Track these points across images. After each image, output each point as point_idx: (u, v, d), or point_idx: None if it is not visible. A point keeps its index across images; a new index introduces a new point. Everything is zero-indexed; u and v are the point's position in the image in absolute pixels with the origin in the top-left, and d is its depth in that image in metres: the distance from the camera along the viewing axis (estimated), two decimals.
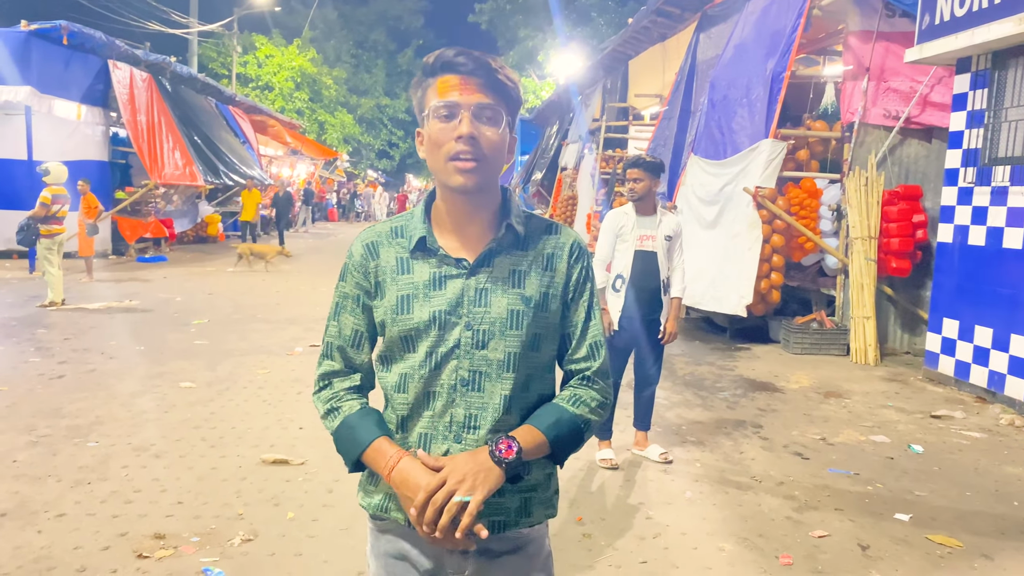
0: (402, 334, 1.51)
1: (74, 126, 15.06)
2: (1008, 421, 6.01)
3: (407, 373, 1.52)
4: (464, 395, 1.49)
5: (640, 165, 4.68)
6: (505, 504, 1.52)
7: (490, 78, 1.45)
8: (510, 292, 1.50)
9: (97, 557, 3.38)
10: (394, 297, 1.51)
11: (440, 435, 1.50)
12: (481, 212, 1.53)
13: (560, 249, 1.57)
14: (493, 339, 1.49)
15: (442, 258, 1.51)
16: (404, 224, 1.57)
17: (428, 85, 1.49)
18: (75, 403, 5.70)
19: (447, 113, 1.45)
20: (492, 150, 1.45)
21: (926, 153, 8.58)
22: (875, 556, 3.65)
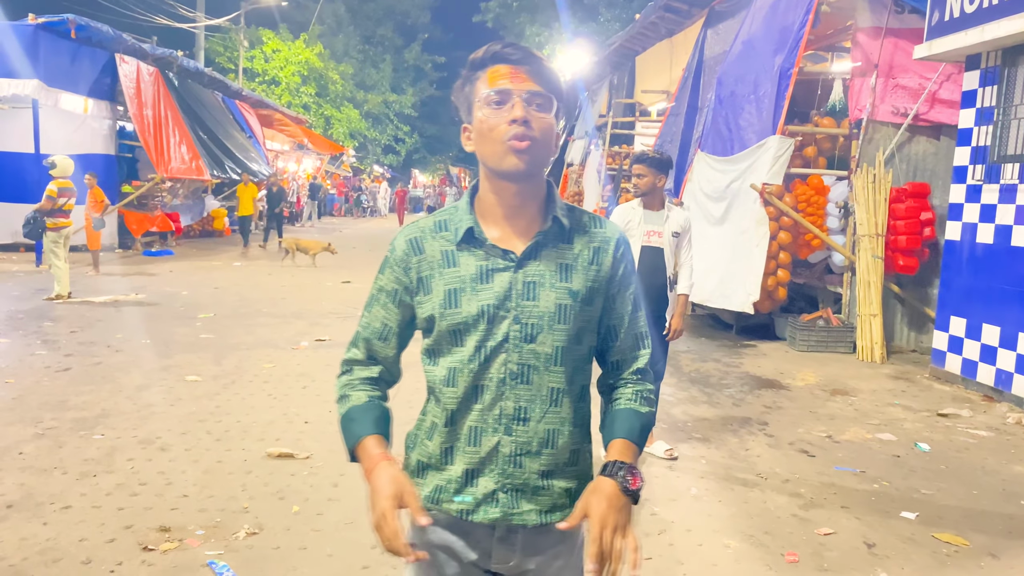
0: (450, 328, 1.51)
1: (81, 120, 15.08)
2: (1015, 420, 5.98)
3: (456, 367, 1.52)
4: (513, 388, 1.50)
5: (644, 161, 4.67)
6: (552, 496, 1.54)
7: (539, 68, 1.47)
8: (558, 286, 1.50)
9: (102, 549, 3.38)
10: (441, 291, 1.51)
11: (490, 428, 1.51)
12: (528, 204, 1.53)
13: (606, 243, 1.57)
14: (541, 333, 1.49)
15: (489, 249, 1.50)
16: (448, 218, 1.57)
17: (476, 78, 1.50)
18: (81, 396, 5.71)
19: (499, 100, 1.45)
20: (544, 135, 1.46)
21: (934, 150, 8.54)
22: (881, 554, 3.64)
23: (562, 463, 1.54)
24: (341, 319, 9.30)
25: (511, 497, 1.51)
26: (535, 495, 1.52)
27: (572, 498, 1.55)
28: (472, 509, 1.52)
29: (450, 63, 44.05)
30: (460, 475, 1.53)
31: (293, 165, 31.00)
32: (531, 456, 1.51)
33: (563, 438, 1.53)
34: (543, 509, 1.53)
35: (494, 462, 1.51)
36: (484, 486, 1.52)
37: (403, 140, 43.64)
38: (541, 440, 1.51)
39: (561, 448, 1.53)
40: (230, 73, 30.15)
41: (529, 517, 1.52)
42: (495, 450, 1.51)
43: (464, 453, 1.53)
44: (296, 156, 31.21)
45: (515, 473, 1.51)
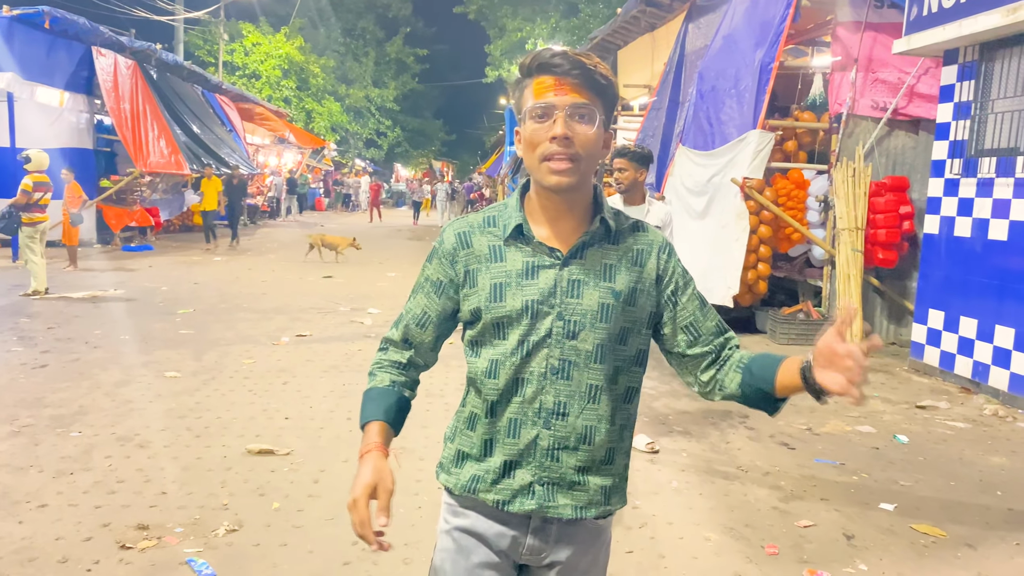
0: (495, 321, 1.55)
1: (57, 113, 14.90)
2: (992, 411, 6.05)
3: (498, 359, 1.55)
4: (554, 383, 1.53)
5: (625, 155, 4.65)
6: (588, 492, 1.57)
7: (585, 78, 1.48)
8: (601, 285, 1.54)
9: (79, 548, 3.34)
10: (487, 285, 1.55)
11: (530, 420, 1.54)
12: (574, 207, 1.57)
13: (650, 246, 1.61)
14: (584, 330, 1.53)
15: (536, 246, 1.55)
16: (496, 214, 1.61)
17: (525, 86, 1.53)
18: (58, 393, 5.65)
19: (542, 114, 1.48)
20: (586, 149, 1.48)
21: (913, 144, 8.61)
22: (860, 546, 3.67)
23: (598, 460, 1.57)
24: (322, 314, 9.25)
25: (547, 490, 1.55)
26: (571, 489, 1.56)
27: (607, 496, 1.60)
28: (508, 499, 1.56)
29: (432, 56, 43.90)
30: (499, 466, 1.57)
31: (274, 159, 30.79)
32: (568, 451, 1.55)
33: (600, 436, 1.56)
34: (579, 504, 1.57)
35: (532, 455, 1.55)
36: (521, 478, 1.56)
37: (385, 134, 43.47)
38: (579, 436, 1.54)
39: (598, 445, 1.56)
40: (210, 67, 29.88)
41: (565, 511, 1.56)
42: (533, 443, 1.55)
43: (503, 445, 1.57)
44: (277, 150, 31.01)
45: (552, 467, 1.55)
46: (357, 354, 7.23)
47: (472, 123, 54.63)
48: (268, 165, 29.47)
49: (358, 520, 1.46)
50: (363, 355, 7.19)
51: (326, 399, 5.73)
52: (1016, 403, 6.17)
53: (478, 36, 35.23)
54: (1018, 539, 3.80)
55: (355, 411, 1.66)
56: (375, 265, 14.72)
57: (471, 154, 58.11)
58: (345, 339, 7.90)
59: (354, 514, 1.47)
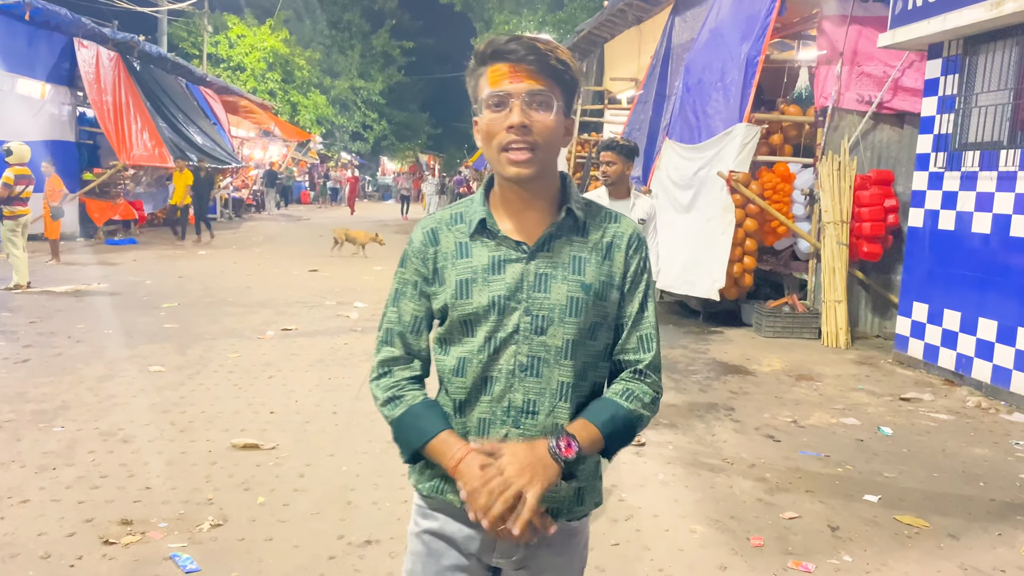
0: (461, 318, 1.51)
1: (39, 105, 14.73)
2: (975, 403, 6.10)
3: (465, 357, 1.52)
4: (522, 380, 1.50)
5: (613, 148, 4.64)
6: (559, 494, 1.52)
7: (541, 63, 1.43)
8: (569, 279, 1.50)
9: (62, 543, 3.32)
10: (454, 282, 1.51)
11: (499, 420, 1.51)
12: (539, 198, 1.53)
13: (620, 238, 1.56)
14: (552, 325, 1.49)
15: (502, 240, 1.51)
16: (464, 210, 1.57)
17: (480, 75, 1.48)
18: (40, 387, 5.59)
19: (498, 102, 1.44)
20: (545, 137, 1.44)
21: (898, 138, 8.65)
22: (845, 537, 3.69)
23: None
24: (308, 308, 9.21)
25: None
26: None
27: (580, 497, 1.57)
28: None
29: (418, 49, 43.67)
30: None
31: (259, 152, 30.59)
32: None
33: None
34: (551, 507, 1.52)
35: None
36: None
37: (371, 127, 43.23)
38: (548, 435, 1.49)
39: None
40: (194, 59, 29.63)
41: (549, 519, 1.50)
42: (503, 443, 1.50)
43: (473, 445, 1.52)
44: (262, 143, 30.82)
45: None
46: (343, 348, 7.20)
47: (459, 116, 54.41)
48: (253, 158, 29.27)
49: (493, 492, 1.36)
50: (349, 349, 7.17)
51: (312, 393, 5.70)
52: (998, 395, 6.22)
53: (464, 29, 35.12)
54: (1000, 529, 3.84)
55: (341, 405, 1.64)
56: (360, 259, 14.67)
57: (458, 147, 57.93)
58: (331, 333, 7.87)
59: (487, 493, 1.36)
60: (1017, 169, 6.17)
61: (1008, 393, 6.14)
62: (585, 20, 17.23)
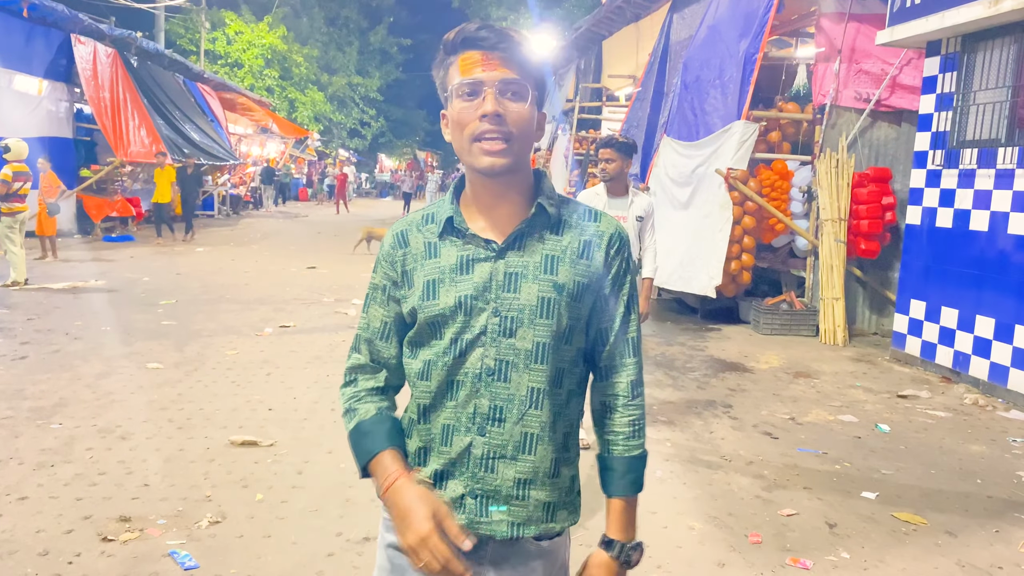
0: (428, 320, 1.45)
1: (36, 101, 14.70)
2: (972, 400, 6.11)
3: (431, 360, 1.46)
4: (489, 385, 1.42)
5: (612, 145, 4.64)
6: (527, 508, 1.45)
7: (514, 52, 1.38)
8: (541, 278, 1.42)
9: (60, 540, 3.32)
10: (421, 283, 1.45)
11: (463, 426, 1.44)
12: (511, 193, 1.46)
13: (599, 238, 1.48)
14: (521, 327, 1.41)
15: (470, 238, 1.44)
16: (435, 210, 1.51)
17: (450, 64, 1.42)
18: (38, 384, 5.59)
19: (470, 91, 1.38)
20: (520, 127, 1.39)
21: (896, 136, 8.66)
22: (842, 534, 3.70)
23: (542, 473, 1.45)
24: (306, 305, 9.21)
25: (479, 503, 1.44)
26: (507, 504, 1.44)
27: (550, 513, 1.47)
28: None
29: (416, 46, 43.64)
30: (429, 476, 1.47)
31: (257, 149, 30.54)
32: (506, 461, 1.43)
33: (543, 445, 1.44)
34: (515, 521, 1.44)
35: (464, 464, 1.44)
36: (452, 489, 1.45)
37: (369, 124, 43.18)
38: (517, 444, 1.43)
39: (540, 456, 1.44)
40: (191, 55, 29.57)
41: (499, 528, 1.44)
42: (467, 451, 1.43)
43: (438, 453, 1.46)
44: (260, 140, 30.77)
45: (486, 478, 1.43)
46: (341, 345, 7.20)
47: None
48: (251, 155, 29.22)
49: (442, 557, 1.32)
50: (347, 346, 7.14)
51: (310, 390, 5.71)
52: (995, 392, 6.24)
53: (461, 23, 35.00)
54: (997, 526, 3.85)
55: (339, 402, 1.60)
56: (359, 256, 14.66)
57: None
58: (329, 330, 7.87)
59: (431, 551, 1.33)
60: (1015, 167, 6.18)
61: (1005, 390, 6.15)
62: (582, 17, 17.23)
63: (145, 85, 18.10)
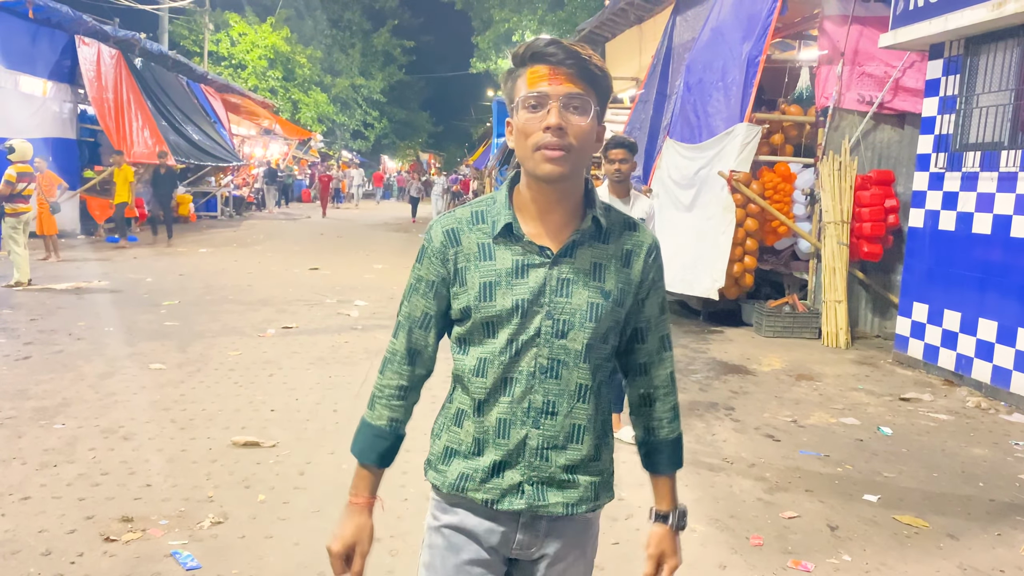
0: (484, 320, 1.53)
1: (40, 102, 14.73)
2: (975, 403, 6.10)
3: (486, 358, 1.54)
4: (543, 382, 1.53)
5: (625, 146, 4.57)
6: (578, 490, 1.58)
7: (580, 68, 1.45)
8: (591, 285, 1.53)
9: (63, 540, 3.32)
10: (477, 284, 1.53)
11: (519, 420, 1.54)
12: (565, 202, 1.54)
13: (639, 247, 1.60)
14: (573, 329, 1.52)
15: (526, 245, 1.52)
16: (485, 209, 1.58)
17: (518, 76, 1.50)
18: (41, 385, 5.60)
19: (535, 103, 1.46)
20: (580, 140, 1.46)
21: (899, 138, 8.65)
22: (844, 537, 3.70)
23: (587, 458, 1.58)
24: (308, 306, 9.22)
25: (536, 489, 1.55)
26: (560, 488, 1.56)
27: (596, 492, 1.61)
28: (497, 499, 1.55)
29: (419, 48, 43.71)
30: (488, 466, 1.56)
31: (260, 150, 30.57)
32: (557, 450, 1.55)
33: (589, 434, 1.57)
34: (569, 502, 1.57)
35: (521, 455, 1.54)
36: (510, 478, 1.55)
37: (372, 125, 43.23)
38: (567, 434, 1.55)
39: (587, 444, 1.57)
40: (195, 57, 29.62)
41: (555, 508, 1.56)
42: (523, 443, 1.54)
43: (495, 445, 1.55)
44: (263, 141, 30.80)
45: (541, 466, 1.54)
46: (344, 346, 7.21)
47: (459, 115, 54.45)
48: (254, 156, 29.25)
49: (334, 572, 1.60)
50: (349, 347, 7.17)
51: (312, 391, 5.71)
52: (998, 395, 6.23)
53: (465, 27, 35.04)
54: (999, 529, 3.85)
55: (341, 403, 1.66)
56: (362, 257, 14.68)
57: (458, 146, 57.93)
58: (331, 331, 7.87)
59: (332, 565, 1.60)
60: (1018, 170, 6.17)
61: (1008, 393, 6.15)
62: (585, 19, 17.24)
63: (148, 86, 18.13)
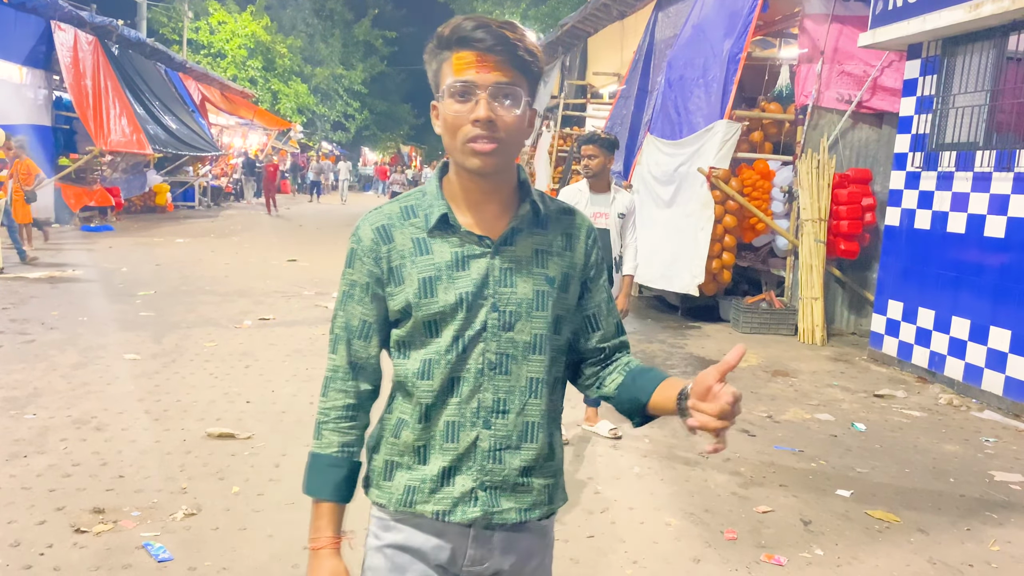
0: (426, 319, 1.44)
1: (15, 89, 14.51)
2: (947, 400, 6.17)
3: (431, 359, 1.45)
4: (492, 379, 1.44)
5: (595, 141, 4.64)
6: (531, 494, 1.50)
7: (509, 54, 1.36)
8: (535, 272, 1.46)
9: (32, 531, 3.28)
10: (416, 280, 1.43)
11: (468, 422, 1.45)
12: (499, 191, 1.48)
13: (578, 230, 1.54)
14: (520, 320, 1.44)
15: (464, 236, 1.44)
16: (415, 203, 1.49)
17: (443, 59, 1.40)
18: (12, 374, 5.53)
19: (462, 92, 1.37)
20: (510, 131, 1.39)
21: (877, 137, 8.73)
22: (817, 531, 3.73)
23: (541, 458, 1.50)
24: (286, 298, 9.16)
25: (490, 495, 1.46)
26: (514, 492, 1.48)
27: (550, 495, 1.53)
28: (449, 509, 1.46)
29: (401, 39, 43.42)
30: (436, 474, 1.46)
31: (239, 140, 30.32)
32: (511, 451, 1.46)
33: (543, 431, 1.49)
34: (523, 507, 1.49)
35: (472, 458, 1.45)
36: (462, 484, 1.46)
37: (353, 117, 42.96)
38: (520, 433, 1.46)
39: (541, 442, 1.49)
40: (174, 45, 29.30)
41: (509, 515, 1.47)
42: (473, 445, 1.45)
43: (441, 451, 1.46)
44: (242, 131, 30.54)
45: (495, 469, 1.45)
46: (320, 338, 7.17)
47: None
48: (233, 146, 29.00)
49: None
50: (326, 339, 7.11)
51: (288, 383, 5.68)
52: (970, 392, 6.31)
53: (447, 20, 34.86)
54: (969, 524, 3.90)
55: (318, 395, 1.58)
56: (340, 249, 14.59)
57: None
58: (309, 323, 7.83)
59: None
60: (992, 170, 6.25)
61: (979, 391, 6.23)
62: (568, 14, 17.22)
63: (126, 74, 17.90)
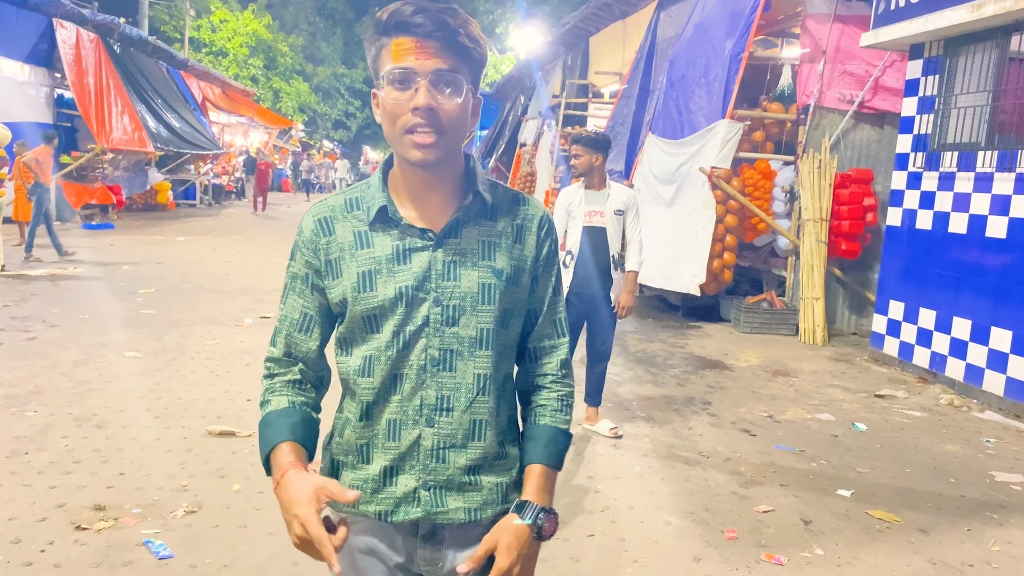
0: (365, 314, 1.39)
1: (17, 86, 14.51)
2: (948, 401, 6.17)
3: (372, 355, 1.40)
4: (435, 376, 1.40)
5: (580, 142, 4.77)
6: (481, 492, 1.45)
7: (450, 40, 1.31)
8: (480, 265, 1.41)
9: (33, 528, 3.28)
10: (354, 274, 1.39)
11: (410, 419, 1.40)
12: (443, 181, 1.42)
13: (530, 221, 1.48)
14: (464, 315, 1.39)
15: (405, 229, 1.40)
16: (359, 196, 1.45)
17: (382, 45, 1.34)
18: (13, 372, 5.53)
19: (402, 80, 1.31)
20: (452, 120, 1.33)
21: (878, 137, 8.72)
22: (817, 531, 3.73)
23: (491, 456, 1.45)
24: None
25: (434, 495, 1.41)
26: (461, 491, 1.43)
27: (503, 494, 1.48)
28: (391, 509, 1.42)
29: None
30: (378, 473, 1.42)
31: (240, 139, 30.33)
32: (456, 449, 1.41)
33: (491, 430, 1.43)
34: (472, 506, 1.44)
35: (415, 457, 1.41)
36: (404, 484, 1.41)
37: (354, 115, 42.97)
38: (467, 432, 1.42)
39: (489, 441, 1.43)
40: (176, 43, 29.31)
41: (457, 515, 1.43)
42: (416, 444, 1.40)
43: (383, 450, 1.42)
44: (243, 129, 30.55)
45: (438, 468, 1.41)
46: None
47: None
48: (234, 144, 29.01)
49: (317, 539, 1.27)
50: None
51: None
52: (971, 393, 6.31)
53: None
54: (969, 525, 3.89)
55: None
56: None
57: None
58: None
59: (309, 536, 1.29)
60: (994, 170, 6.24)
61: (980, 391, 6.22)
62: (570, 13, 17.22)
63: (128, 72, 17.90)
